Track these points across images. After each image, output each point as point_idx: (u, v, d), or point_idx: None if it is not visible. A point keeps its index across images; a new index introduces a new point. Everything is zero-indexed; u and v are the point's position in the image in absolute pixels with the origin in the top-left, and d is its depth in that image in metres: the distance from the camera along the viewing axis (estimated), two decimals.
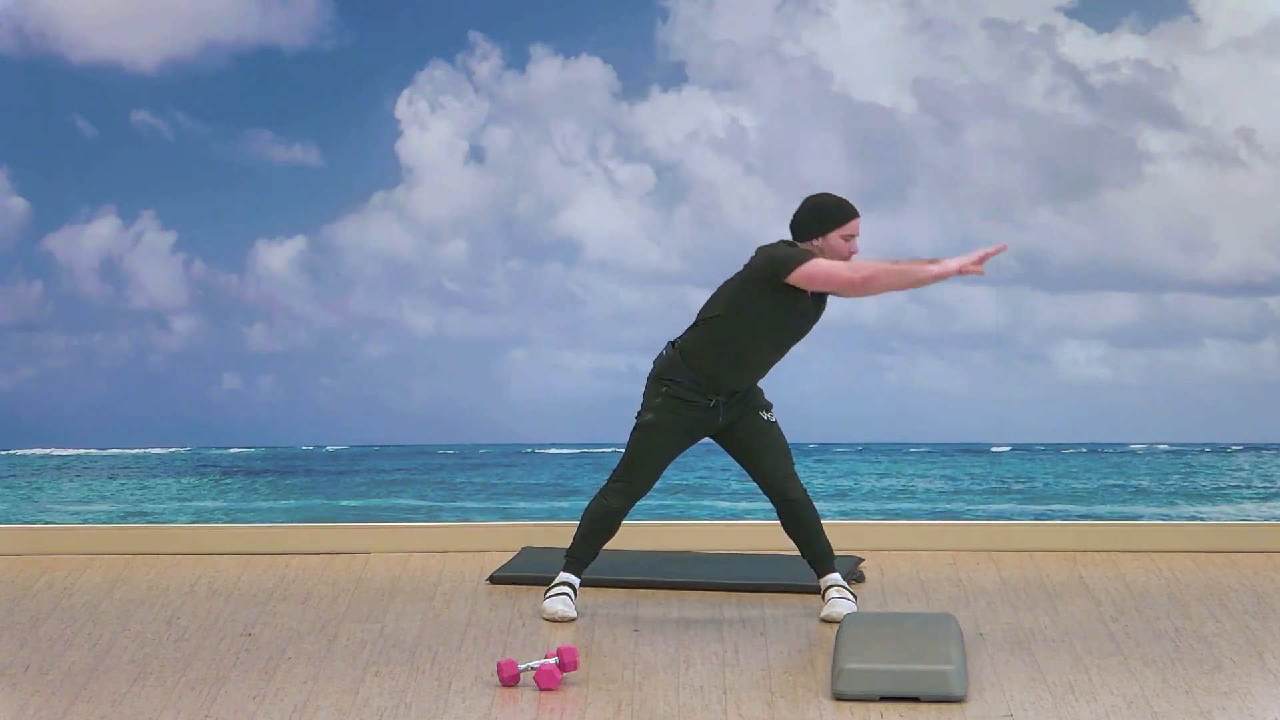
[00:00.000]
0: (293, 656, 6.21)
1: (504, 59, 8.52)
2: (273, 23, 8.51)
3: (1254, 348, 8.67)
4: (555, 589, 6.70)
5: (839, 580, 6.71)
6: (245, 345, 8.68)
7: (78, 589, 7.19)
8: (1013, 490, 9.51)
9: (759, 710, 5.61)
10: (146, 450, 9.52)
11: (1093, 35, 8.42)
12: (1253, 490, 9.51)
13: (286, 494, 9.27)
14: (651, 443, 6.60)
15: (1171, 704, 5.66)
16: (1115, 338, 8.75)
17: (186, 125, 8.53)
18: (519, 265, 8.67)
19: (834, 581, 6.70)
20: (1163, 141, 8.46)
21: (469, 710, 5.63)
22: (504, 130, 8.56)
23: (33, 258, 8.54)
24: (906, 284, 6.43)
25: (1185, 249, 8.59)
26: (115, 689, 5.86)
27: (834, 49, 8.45)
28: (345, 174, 8.58)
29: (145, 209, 8.58)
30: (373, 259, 8.63)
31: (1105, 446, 9.86)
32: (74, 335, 8.65)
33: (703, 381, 6.55)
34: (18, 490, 9.17)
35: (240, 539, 7.81)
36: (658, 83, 8.49)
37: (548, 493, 9.46)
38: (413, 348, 8.72)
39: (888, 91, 8.48)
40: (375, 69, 8.50)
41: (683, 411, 6.57)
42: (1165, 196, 8.51)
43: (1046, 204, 8.54)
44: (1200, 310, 8.70)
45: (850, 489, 9.64)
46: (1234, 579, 7.24)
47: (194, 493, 9.39)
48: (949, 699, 5.64)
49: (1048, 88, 8.42)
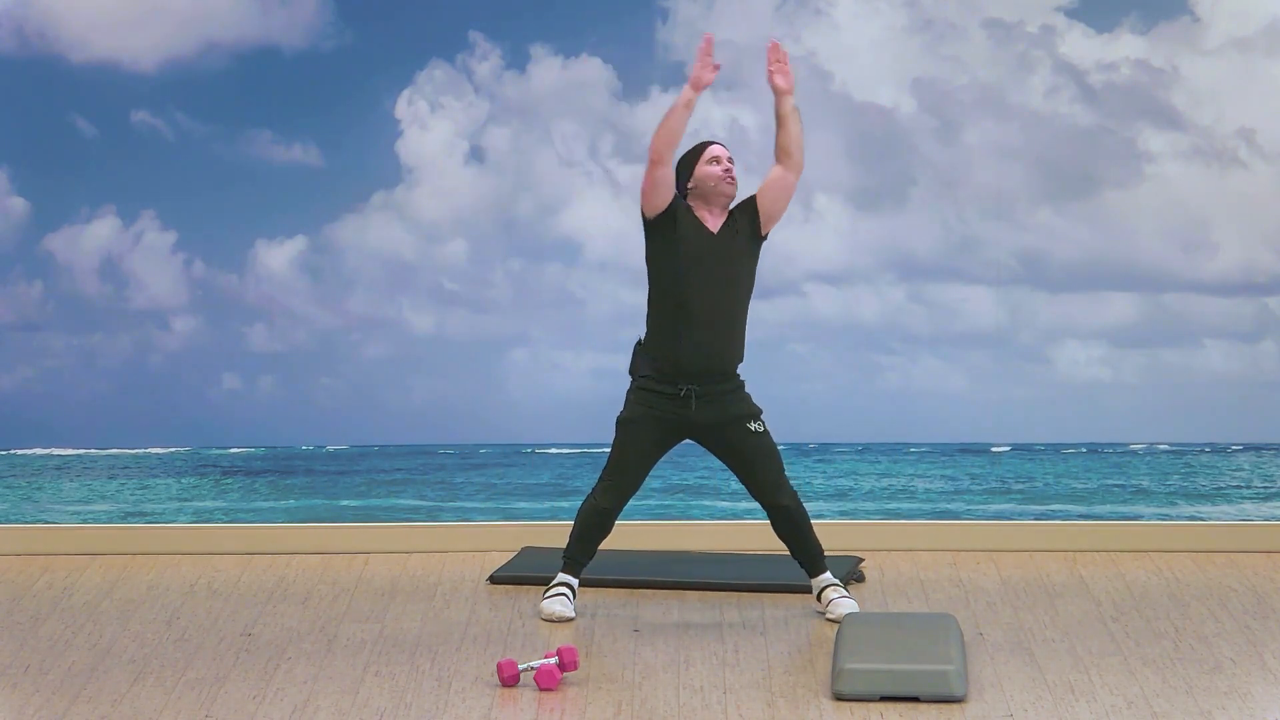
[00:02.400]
0: (293, 656, 6.21)
1: (504, 59, 8.52)
2: (273, 23, 8.51)
3: (1254, 348, 8.67)
4: (553, 590, 6.71)
5: (833, 580, 6.71)
6: (245, 345, 8.68)
7: (78, 589, 7.19)
8: (1013, 490, 9.51)
9: (759, 710, 5.61)
10: (146, 450, 9.51)
11: (1093, 35, 8.42)
12: (1253, 490, 9.51)
13: (286, 494, 9.27)
14: (629, 437, 6.61)
15: (1171, 704, 5.66)
16: (1115, 338, 8.75)
17: (186, 125, 8.54)
18: (519, 265, 8.66)
19: (829, 581, 6.70)
20: (1163, 141, 8.46)
21: (469, 710, 5.63)
22: (504, 130, 8.56)
23: (33, 258, 8.54)
24: (676, 121, 6.45)
25: (1185, 249, 8.59)
26: (115, 689, 5.86)
27: (834, 49, 8.45)
28: (345, 174, 8.58)
29: (145, 209, 8.58)
30: (373, 259, 8.63)
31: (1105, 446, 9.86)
32: (74, 335, 8.65)
33: (664, 368, 6.55)
34: (18, 490, 9.17)
35: (240, 539, 7.81)
36: (658, 83, 8.49)
37: (548, 493, 9.45)
38: (413, 348, 8.72)
39: (888, 91, 8.48)
40: (375, 69, 8.50)
41: (654, 404, 6.57)
42: (1165, 196, 8.51)
43: (1046, 204, 8.54)
44: (1200, 310, 8.70)
45: (850, 489, 9.63)
46: (1234, 579, 7.24)
47: (194, 493, 9.39)
48: (949, 699, 5.64)
49: (1048, 88, 8.42)
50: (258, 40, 8.49)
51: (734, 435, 6.59)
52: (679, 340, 6.53)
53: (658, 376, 6.57)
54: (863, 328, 8.50)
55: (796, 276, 8.68)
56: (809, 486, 6.70)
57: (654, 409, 6.57)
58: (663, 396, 6.56)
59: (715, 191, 6.54)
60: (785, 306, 8.64)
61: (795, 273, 8.66)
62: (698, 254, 6.51)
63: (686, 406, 6.56)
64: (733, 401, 6.60)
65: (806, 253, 8.66)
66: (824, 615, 6.66)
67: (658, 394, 6.57)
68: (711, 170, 6.54)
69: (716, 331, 6.54)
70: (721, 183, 6.53)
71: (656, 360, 6.56)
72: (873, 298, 8.67)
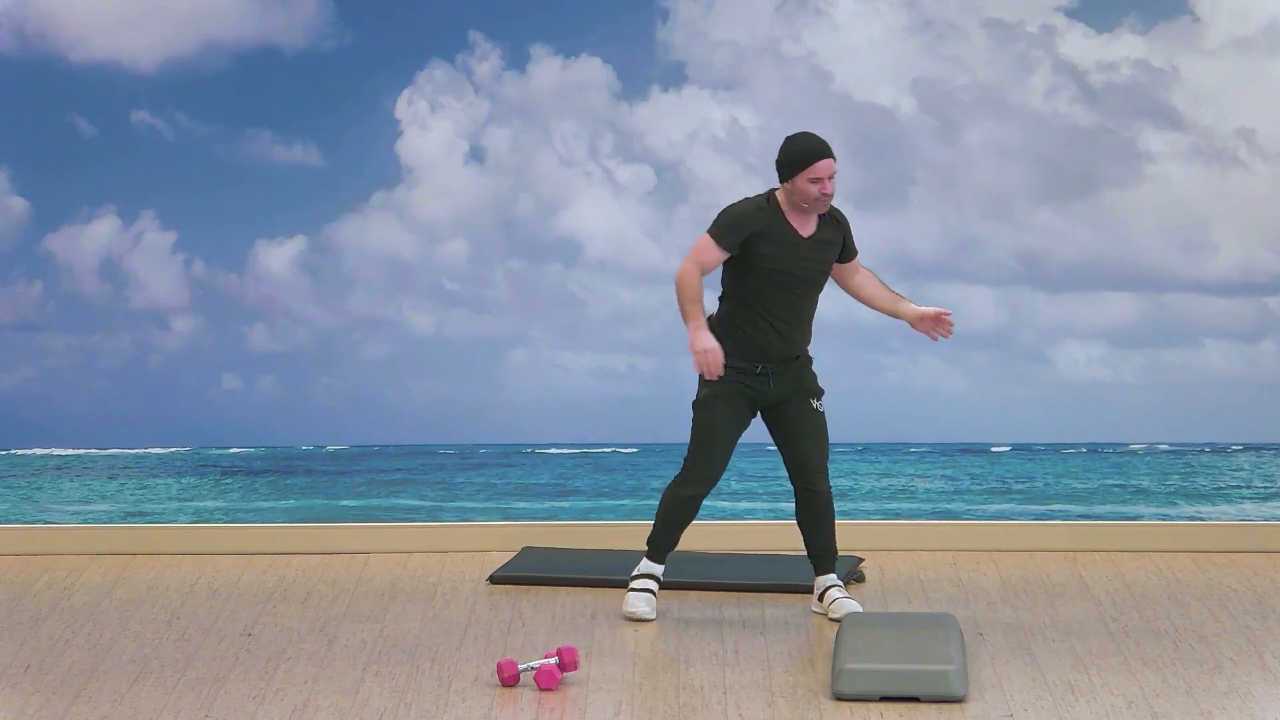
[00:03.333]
0: (293, 656, 6.21)
1: (504, 59, 8.52)
2: (273, 23, 8.51)
3: (1254, 348, 8.67)
4: (638, 582, 6.69)
5: (837, 581, 6.71)
6: (245, 345, 8.68)
7: (78, 589, 7.19)
8: (1013, 490, 9.51)
9: (759, 710, 5.61)
10: (146, 450, 9.51)
11: (1093, 35, 8.42)
12: (1253, 490, 9.51)
13: (286, 494, 9.26)
14: (712, 414, 6.59)
15: (1171, 704, 5.66)
16: (1115, 338, 8.75)
17: (186, 125, 8.53)
18: (519, 265, 8.67)
19: (833, 582, 6.70)
20: (1163, 141, 8.46)
21: (469, 710, 5.63)
22: (504, 130, 8.56)
23: (33, 258, 8.54)
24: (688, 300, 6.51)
25: (1185, 249, 8.59)
26: (115, 689, 5.86)
27: (834, 49, 8.45)
28: (345, 174, 8.58)
29: (145, 209, 8.58)
30: (373, 259, 8.63)
31: (1105, 446, 9.85)
32: (74, 335, 8.65)
33: (739, 348, 6.55)
34: (18, 490, 9.17)
35: (240, 539, 7.81)
36: (658, 83, 8.49)
37: (548, 493, 9.45)
38: (413, 348, 8.72)
39: (888, 91, 8.48)
40: (375, 69, 8.50)
41: (734, 379, 6.58)
42: (1165, 196, 8.51)
43: (1046, 204, 8.54)
44: (1200, 310, 8.70)
45: (850, 489, 9.63)
46: (1234, 579, 7.24)
47: (194, 493, 9.39)
48: (949, 699, 5.64)
49: (1048, 88, 8.42)
50: (258, 40, 8.49)
51: (797, 405, 6.62)
52: (759, 331, 6.54)
53: (737, 354, 6.57)
54: (863, 327, 8.50)
55: None
56: None
57: (735, 383, 6.57)
58: (742, 373, 6.57)
59: (809, 209, 6.53)
60: None
61: None
62: (786, 258, 6.50)
63: (765, 382, 6.57)
64: (804, 374, 6.63)
65: None
66: (826, 615, 6.66)
67: (739, 370, 6.57)
68: (813, 190, 6.48)
69: (797, 324, 6.58)
70: (816, 204, 6.51)
71: (735, 342, 6.57)
72: None
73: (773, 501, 8.99)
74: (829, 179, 6.45)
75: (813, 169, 6.45)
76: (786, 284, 6.52)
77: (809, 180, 6.45)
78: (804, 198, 6.47)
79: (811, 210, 6.52)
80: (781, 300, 6.53)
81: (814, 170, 6.45)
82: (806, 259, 6.52)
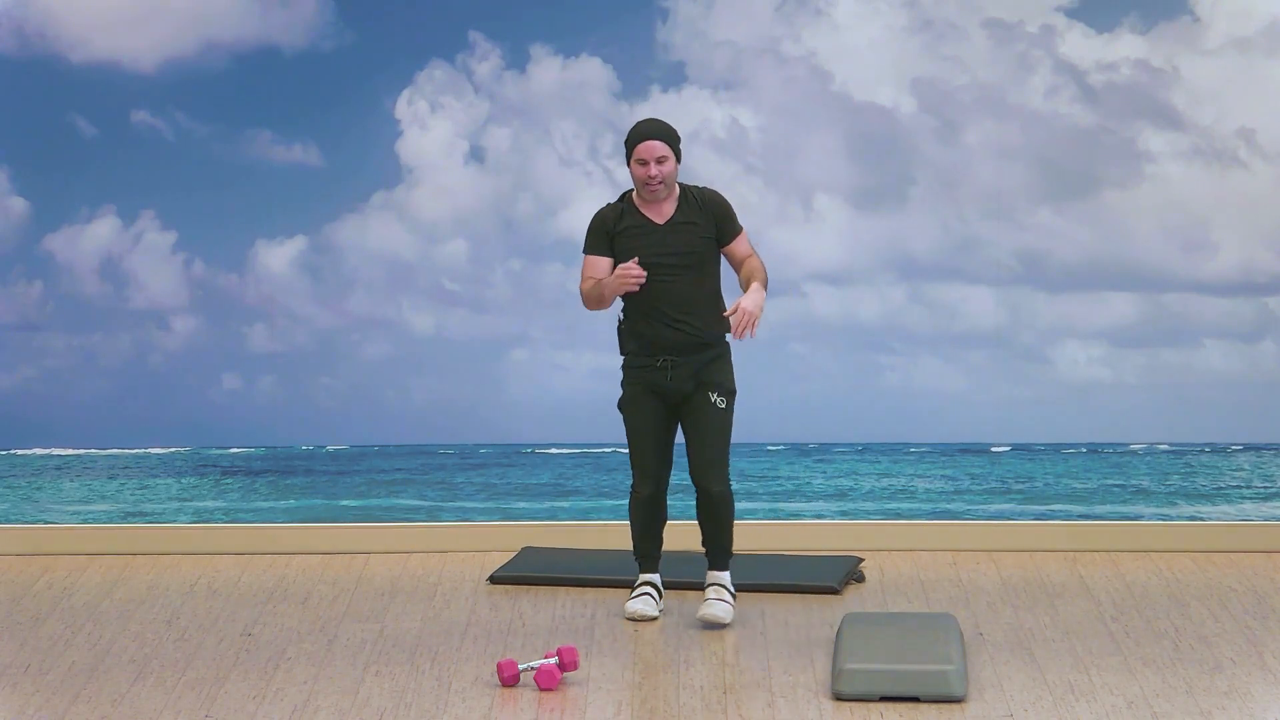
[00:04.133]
0: (293, 656, 6.21)
1: (504, 59, 8.52)
2: (273, 23, 8.52)
3: (1254, 348, 8.67)
4: (638, 591, 6.69)
5: (720, 580, 6.64)
6: (245, 345, 8.68)
7: (78, 589, 7.19)
8: (1013, 490, 9.51)
9: (759, 710, 5.61)
10: (146, 450, 9.52)
11: (1093, 35, 8.42)
12: (1253, 490, 9.52)
13: (286, 494, 9.27)
14: (629, 413, 6.60)
15: (1171, 704, 5.66)
16: (1115, 338, 8.76)
17: (186, 125, 8.54)
18: (519, 265, 8.67)
19: (721, 581, 6.64)
20: (1163, 141, 8.47)
21: (469, 710, 5.63)
22: (504, 130, 8.57)
23: (33, 258, 8.54)
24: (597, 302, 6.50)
25: (1185, 249, 8.60)
26: (115, 689, 5.86)
27: (834, 49, 8.45)
28: (345, 174, 8.58)
29: (145, 209, 8.58)
30: (373, 259, 8.63)
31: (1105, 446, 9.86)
32: (74, 335, 8.66)
33: (639, 344, 6.54)
34: (18, 490, 9.17)
35: (240, 539, 7.81)
36: (658, 83, 8.49)
37: (548, 493, 9.46)
38: (413, 348, 8.73)
39: (888, 91, 8.48)
40: (375, 69, 8.50)
41: (640, 376, 6.57)
42: (1165, 196, 8.51)
43: (1046, 204, 8.55)
44: (1200, 310, 8.70)
45: (850, 489, 9.64)
46: (1234, 579, 7.24)
47: (194, 493, 9.40)
48: (949, 699, 5.64)
49: (1048, 88, 8.43)
50: (258, 40, 8.49)
51: (698, 400, 6.56)
52: (650, 325, 6.52)
53: (638, 351, 6.57)
54: (863, 328, 8.51)
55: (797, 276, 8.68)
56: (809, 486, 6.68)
57: (642, 379, 6.56)
58: (646, 369, 6.55)
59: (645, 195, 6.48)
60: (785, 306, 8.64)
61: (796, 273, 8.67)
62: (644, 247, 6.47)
63: (664, 375, 6.53)
64: (711, 368, 6.56)
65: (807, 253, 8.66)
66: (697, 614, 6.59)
67: (642, 368, 6.56)
68: (640, 172, 6.46)
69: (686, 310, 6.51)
70: (645, 187, 6.47)
71: (633, 340, 6.57)
72: (873, 298, 8.68)
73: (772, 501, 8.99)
74: (655, 161, 6.44)
75: (636, 151, 6.46)
76: (656, 272, 6.49)
77: (636, 163, 6.47)
78: (635, 181, 6.48)
79: (644, 195, 6.48)
80: (659, 290, 6.50)
81: (638, 152, 6.46)
82: (665, 243, 6.48)
